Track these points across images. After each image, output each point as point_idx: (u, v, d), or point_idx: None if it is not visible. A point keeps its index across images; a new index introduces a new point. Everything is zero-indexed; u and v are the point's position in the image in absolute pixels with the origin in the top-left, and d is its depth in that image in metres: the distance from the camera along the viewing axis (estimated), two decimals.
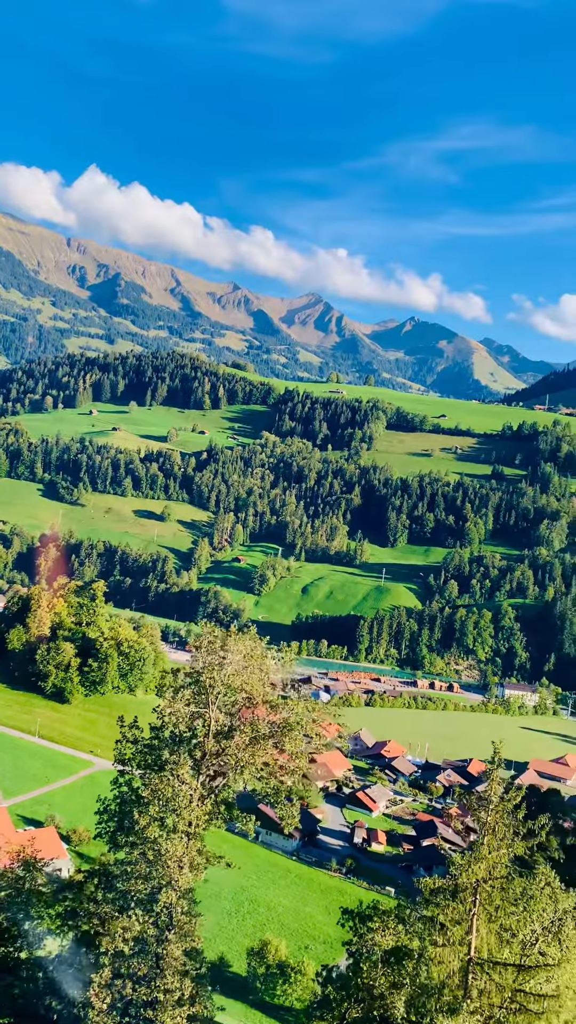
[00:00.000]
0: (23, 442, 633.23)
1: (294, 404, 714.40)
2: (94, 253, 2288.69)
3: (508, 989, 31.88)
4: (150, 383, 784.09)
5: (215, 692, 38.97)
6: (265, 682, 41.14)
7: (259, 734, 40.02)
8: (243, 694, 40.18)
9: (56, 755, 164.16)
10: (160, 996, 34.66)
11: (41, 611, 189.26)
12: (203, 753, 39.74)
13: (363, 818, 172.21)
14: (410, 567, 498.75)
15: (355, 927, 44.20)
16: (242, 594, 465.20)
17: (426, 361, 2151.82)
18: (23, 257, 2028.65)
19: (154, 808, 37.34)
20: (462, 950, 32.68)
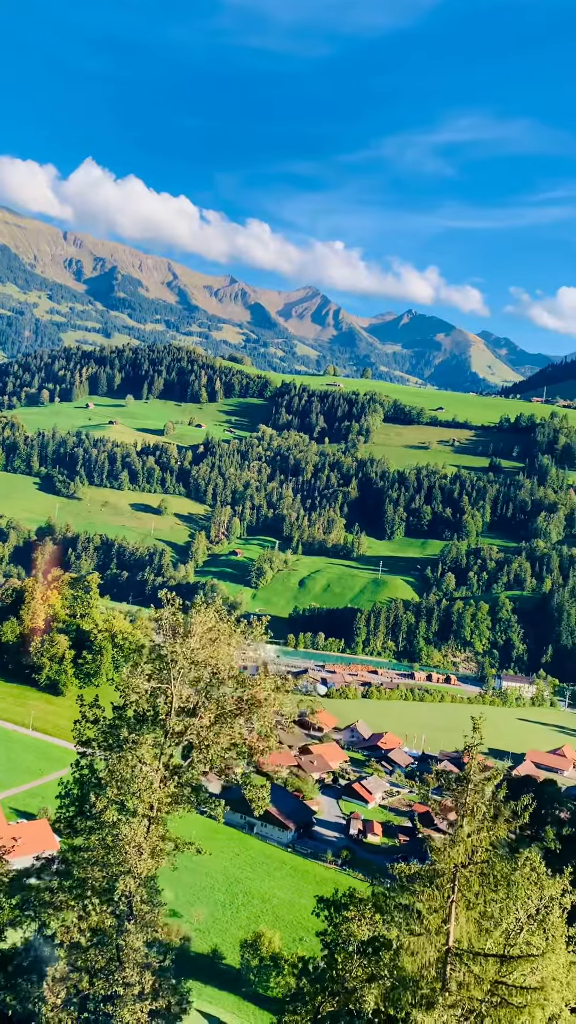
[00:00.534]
0: (19, 436, 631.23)
1: (291, 397, 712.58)
2: (90, 247, 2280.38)
3: (488, 981, 29.68)
4: (147, 376, 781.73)
5: (177, 667, 36.43)
6: (233, 657, 38.67)
7: (225, 711, 37.80)
8: (209, 669, 37.83)
9: (50, 747, 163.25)
10: (120, 990, 32.74)
11: (35, 603, 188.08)
12: (165, 732, 37.42)
13: (359, 809, 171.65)
14: (407, 560, 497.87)
15: (330, 916, 42.57)
16: (239, 587, 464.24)
17: (424, 354, 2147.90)
18: (19, 251, 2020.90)
19: (112, 790, 35.44)
20: (439, 940, 30.41)
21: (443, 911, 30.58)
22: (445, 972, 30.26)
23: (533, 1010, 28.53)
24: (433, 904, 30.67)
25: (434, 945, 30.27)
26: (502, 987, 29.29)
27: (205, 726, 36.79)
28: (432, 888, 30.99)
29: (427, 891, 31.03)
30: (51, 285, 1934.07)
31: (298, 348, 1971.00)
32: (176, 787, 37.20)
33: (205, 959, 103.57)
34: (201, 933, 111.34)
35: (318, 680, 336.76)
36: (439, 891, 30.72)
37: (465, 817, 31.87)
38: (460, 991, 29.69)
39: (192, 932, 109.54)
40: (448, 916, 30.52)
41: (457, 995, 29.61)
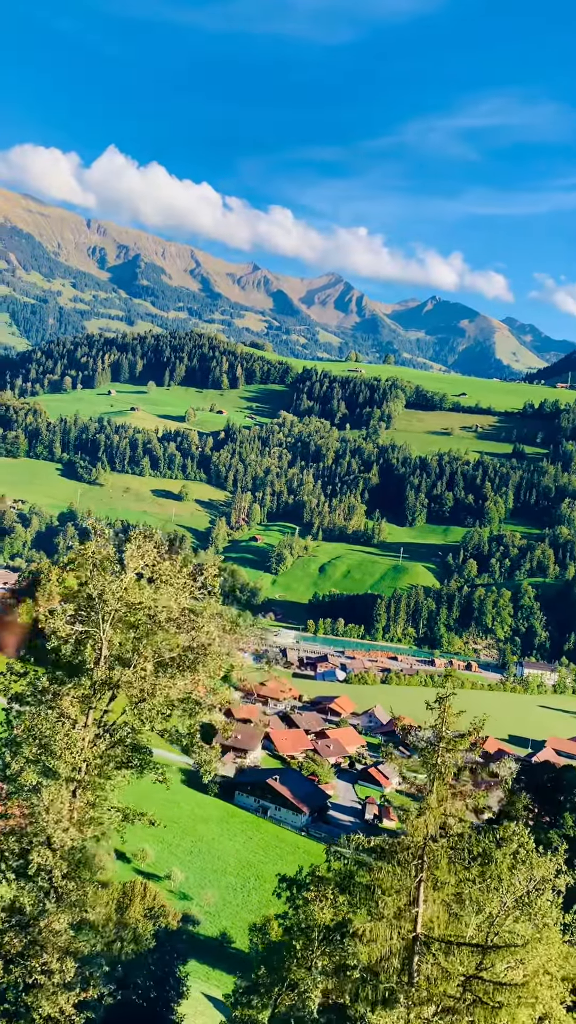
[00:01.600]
0: (41, 422, 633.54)
1: (312, 383, 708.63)
2: (114, 234, 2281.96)
3: (458, 976, 25.42)
4: (168, 363, 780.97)
5: (107, 607, 31.50)
6: (176, 599, 33.18)
7: (163, 660, 32.81)
8: (145, 612, 32.44)
9: None
10: (40, 978, 28.10)
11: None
12: (93, 683, 32.49)
13: (375, 794, 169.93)
14: (428, 546, 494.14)
15: (292, 897, 38.89)
16: (259, 573, 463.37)
17: (447, 341, 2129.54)
18: (43, 239, 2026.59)
19: (29, 749, 30.42)
20: (405, 926, 26.20)
21: (408, 892, 26.53)
22: (412, 964, 26.32)
23: (516, 1010, 24.52)
24: (395, 884, 26.49)
25: (397, 932, 26.12)
26: (478, 982, 25.28)
27: (141, 677, 31.96)
28: (393, 864, 26.97)
29: (387, 867, 27.01)
30: (75, 273, 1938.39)
31: (320, 335, 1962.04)
32: (108, 746, 32.58)
33: (214, 942, 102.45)
34: (211, 916, 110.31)
35: (337, 666, 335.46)
36: (402, 868, 26.62)
37: (435, 781, 28.50)
38: (429, 986, 25.54)
39: (202, 915, 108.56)
40: (415, 898, 26.59)
41: (425, 991, 25.49)
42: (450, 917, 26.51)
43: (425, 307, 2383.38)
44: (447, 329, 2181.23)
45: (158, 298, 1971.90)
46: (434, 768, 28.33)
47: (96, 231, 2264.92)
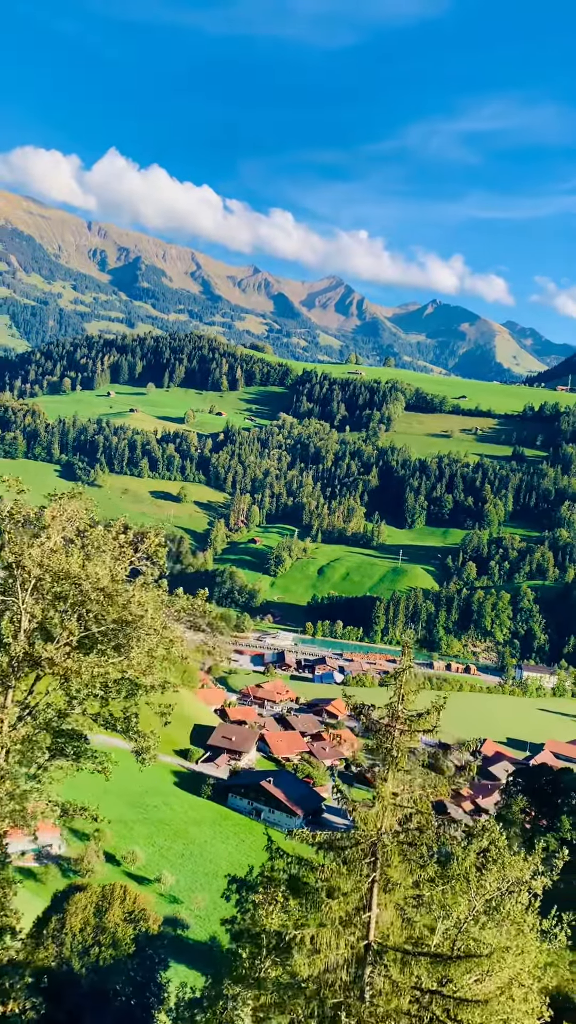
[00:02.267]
0: (40, 423, 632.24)
1: (312, 385, 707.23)
2: (115, 237, 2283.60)
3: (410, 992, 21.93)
4: (168, 365, 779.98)
5: (28, 575, 28.50)
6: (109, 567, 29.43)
7: (89, 634, 29.53)
8: (71, 582, 29.12)
9: None
10: None
11: None
12: (11, 659, 29.15)
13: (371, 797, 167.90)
14: (428, 549, 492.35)
15: (241, 900, 35.47)
16: (257, 575, 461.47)
17: (448, 344, 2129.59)
18: (44, 241, 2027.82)
19: None
20: (355, 933, 22.78)
21: (359, 894, 23.03)
22: (363, 978, 22.89)
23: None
24: (344, 885, 22.94)
25: (345, 940, 22.67)
26: (438, 998, 21.87)
27: (65, 653, 28.71)
28: (339, 863, 23.44)
29: (332, 866, 23.48)
30: (75, 275, 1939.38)
31: (321, 338, 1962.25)
32: (32, 730, 29.25)
33: (204, 947, 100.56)
34: (201, 920, 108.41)
35: (335, 668, 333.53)
36: (351, 867, 23.12)
37: (389, 767, 24.94)
38: (380, 1001, 22.21)
39: (192, 919, 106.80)
40: (368, 902, 23.14)
41: (374, 1006, 22.25)
42: (404, 923, 23.48)
43: (426, 310, 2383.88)
44: (448, 332, 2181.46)
45: (159, 300, 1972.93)
46: (388, 753, 24.99)
47: (97, 233, 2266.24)
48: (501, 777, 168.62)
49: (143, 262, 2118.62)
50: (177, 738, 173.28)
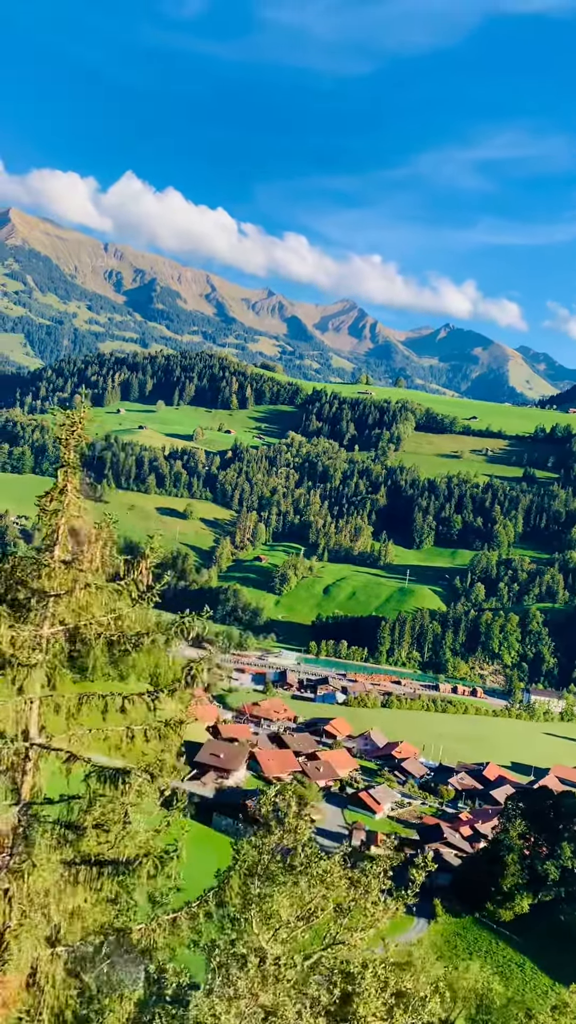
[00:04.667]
0: (48, 438, 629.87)
1: (321, 404, 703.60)
2: (131, 258, 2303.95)
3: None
4: (178, 383, 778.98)
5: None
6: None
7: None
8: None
9: None
10: None
11: None
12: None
13: (365, 820, 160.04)
14: (435, 569, 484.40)
15: None
16: (262, 593, 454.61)
17: (461, 368, 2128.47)
18: (60, 261, 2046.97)
19: None
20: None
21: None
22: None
23: None
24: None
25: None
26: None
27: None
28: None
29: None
30: (91, 296, 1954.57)
31: (334, 360, 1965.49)
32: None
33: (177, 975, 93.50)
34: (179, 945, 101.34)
35: (338, 689, 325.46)
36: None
37: None
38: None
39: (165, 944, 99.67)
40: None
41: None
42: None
43: (439, 334, 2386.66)
44: (460, 356, 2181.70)
45: (173, 322, 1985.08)
46: None
47: (113, 255, 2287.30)
48: (503, 801, 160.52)
49: (158, 284, 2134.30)
50: None
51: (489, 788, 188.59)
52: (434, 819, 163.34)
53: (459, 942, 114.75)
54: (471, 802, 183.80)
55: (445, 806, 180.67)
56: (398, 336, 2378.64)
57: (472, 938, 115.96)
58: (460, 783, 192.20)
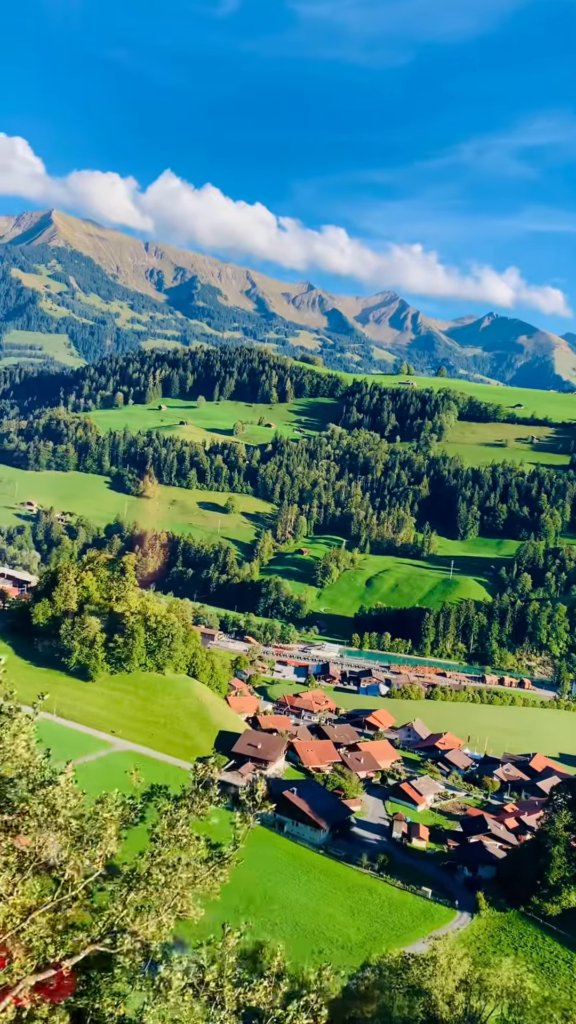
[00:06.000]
0: (91, 436, 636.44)
1: (362, 396, 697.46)
2: (171, 257, 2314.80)
3: None
4: (219, 378, 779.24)
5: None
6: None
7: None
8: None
9: (72, 734, 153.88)
10: None
11: (67, 584, 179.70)
12: None
13: (407, 812, 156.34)
14: (481, 560, 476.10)
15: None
16: (304, 586, 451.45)
17: (505, 357, 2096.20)
18: (102, 262, 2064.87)
19: None
20: None
21: None
22: None
23: None
24: None
25: None
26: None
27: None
28: None
29: None
30: (132, 295, 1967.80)
31: (375, 352, 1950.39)
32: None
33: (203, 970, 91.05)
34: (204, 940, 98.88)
35: (381, 681, 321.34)
36: None
37: None
38: None
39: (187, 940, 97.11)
40: None
41: None
42: None
43: (482, 323, 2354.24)
44: (504, 345, 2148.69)
45: (214, 319, 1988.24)
46: None
47: (154, 254, 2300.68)
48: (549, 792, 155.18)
49: (199, 281, 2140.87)
50: (201, 745, 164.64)
51: (536, 779, 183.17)
52: (478, 811, 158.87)
53: (503, 937, 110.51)
54: (517, 793, 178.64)
55: (490, 798, 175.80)
56: (440, 326, 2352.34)
57: (517, 933, 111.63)
58: (506, 774, 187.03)
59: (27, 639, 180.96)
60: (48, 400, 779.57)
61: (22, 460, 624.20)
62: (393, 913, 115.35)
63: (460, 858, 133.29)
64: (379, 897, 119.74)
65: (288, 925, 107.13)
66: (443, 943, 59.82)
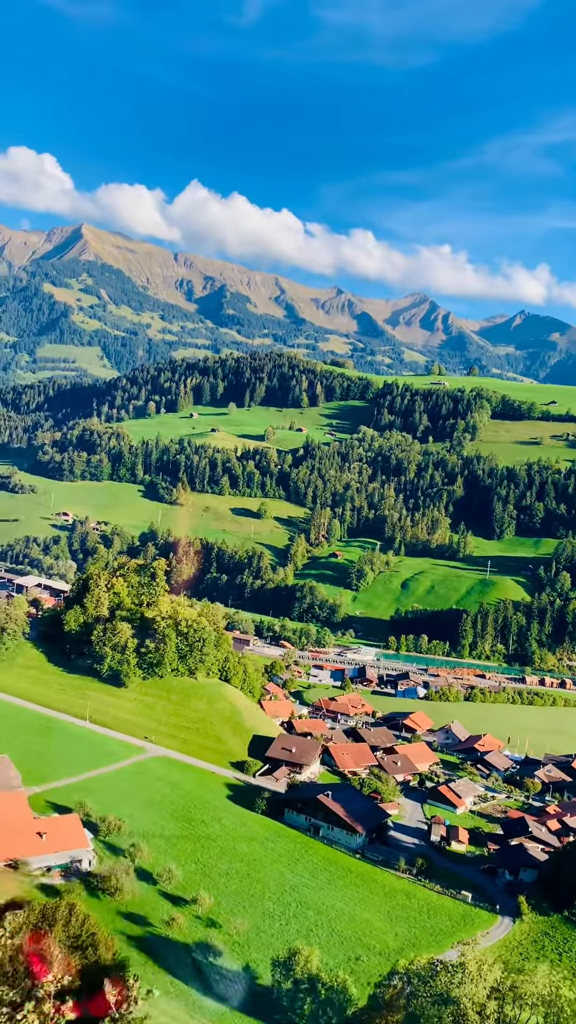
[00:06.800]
0: (124, 445, 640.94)
1: (393, 397, 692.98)
2: (200, 266, 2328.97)
3: None
4: (249, 384, 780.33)
5: None
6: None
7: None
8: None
9: (107, 741, 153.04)
10: None
11: (99, 591, 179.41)
12: None
13: (446, 815, 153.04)
14: (518, 559, 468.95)
15: None
16: (339, 589, 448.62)
17: (538, 355, 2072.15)
18: (132, 274, 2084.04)
19: None
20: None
21: None
22: None
23: None
24: None
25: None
26: None
27: None
28: None
29: None
30: (163, 305, 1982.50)
31: (406, 354, 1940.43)
32: None
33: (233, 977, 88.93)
34: (239, 947, 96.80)
35: (419, 683, 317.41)
36: None
37: None
38: None
39: (227, 945, 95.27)
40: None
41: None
42: None
43: (514, 322, 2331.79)
44: (537, 343, 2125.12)
45: (244, 326, 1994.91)
46: None
47: (183, 264, 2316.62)
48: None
49: (228, 290, 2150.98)
50: (234, 749, 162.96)
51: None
52: (519, 813, 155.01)
53: (547, 942, 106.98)
54: (559, 795, 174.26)
55: (531, 799, 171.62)
56: (471, 326, 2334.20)
57: (561, 938, 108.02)
58: (547, 776, 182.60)
59: (59, 646, 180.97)
60: (81, 411, 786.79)
61: (57, 471, 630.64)
62: (432, 918, 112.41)
63: (500, 861, 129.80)
64: (417, 902, 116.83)
65: (324, 931, 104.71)
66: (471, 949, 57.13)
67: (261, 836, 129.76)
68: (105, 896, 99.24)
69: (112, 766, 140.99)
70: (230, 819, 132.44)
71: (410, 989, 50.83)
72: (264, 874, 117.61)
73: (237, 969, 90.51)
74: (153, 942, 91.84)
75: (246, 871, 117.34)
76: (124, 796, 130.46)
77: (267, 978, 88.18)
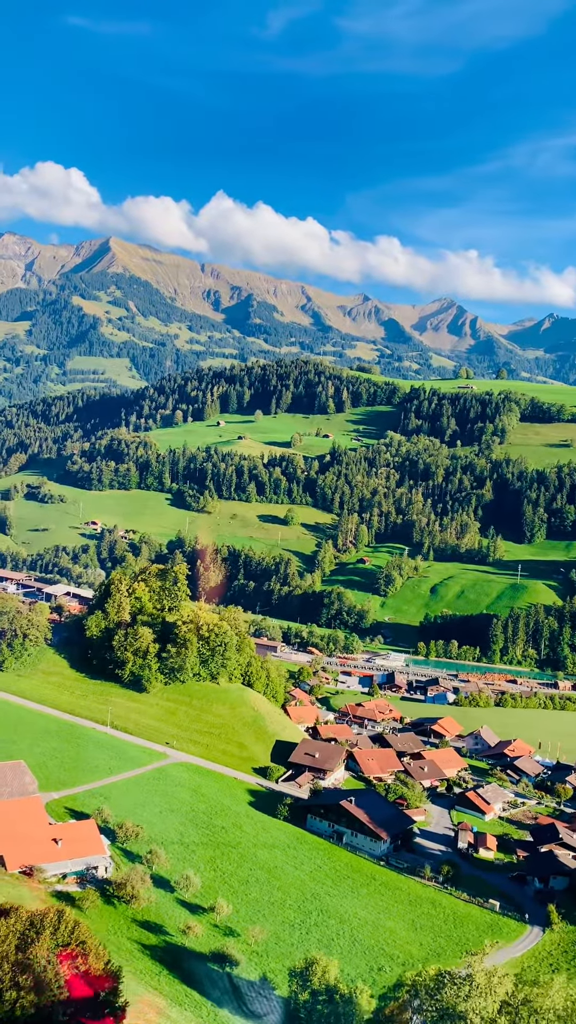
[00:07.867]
0: (152, 454, 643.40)
1: (420, 402, 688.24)
2: (227, 277, 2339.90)
3: None
4: (275, 391, 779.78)
5: None
6: None
7: None
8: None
9: (127, 746, 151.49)
10: None
11: (120, 596, 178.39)
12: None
13: (474, 821, 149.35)
14: (549, 563, 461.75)
15: None
16: (367, 595, 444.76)
17: (568, 358, 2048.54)
18: (160, 285, 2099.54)
19: None
20: None
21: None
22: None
23: None
24: None
25: None
26: None
27: None
28: None
29: None
30: (190, 316, 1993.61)
31: (434, 360, 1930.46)
32: None
33: (249, 987, 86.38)
34: (257, 956, 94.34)
35: (449, 689, 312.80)
36: None
37: None
38: None
39: (245, 954, 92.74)
40: None
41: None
42: None
43: (542, 325, 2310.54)
44: (567, 346, 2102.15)
45: (271, 335, 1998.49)
46: None
47: (210, 275, 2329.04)
48: None
49: (255, 299, 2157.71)
50: (257, 755, 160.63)
51: None
52: (550, 819, 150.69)
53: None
54: None
55: (563, 805, 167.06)
56: (500, 330, 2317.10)
57: None
58: None
59: (82, 652, 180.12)
60: (110, 422, 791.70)
61: (86, 480, 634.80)
62: (458, 927, 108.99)
63: (530, 869, 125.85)
64: (443, 911, 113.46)
65: (346, 940, 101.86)
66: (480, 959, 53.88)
67: (283, 843, 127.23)
68: (120, 904, 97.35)
69: (133, 772, 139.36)
70: (251, 825, 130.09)
71: (417, 1002, 48.09)
72: (285, 881, 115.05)
73: (254, 979, 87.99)
74: (168, 951, 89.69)
75: (267, 878, 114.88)
76: (143, 802, 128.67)
77: (283, 988, 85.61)
